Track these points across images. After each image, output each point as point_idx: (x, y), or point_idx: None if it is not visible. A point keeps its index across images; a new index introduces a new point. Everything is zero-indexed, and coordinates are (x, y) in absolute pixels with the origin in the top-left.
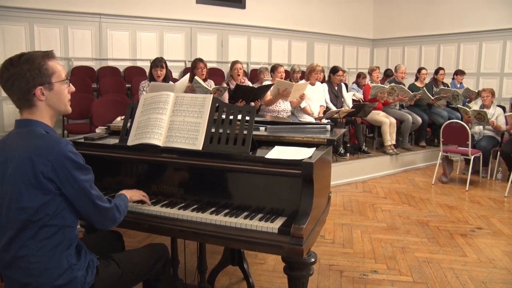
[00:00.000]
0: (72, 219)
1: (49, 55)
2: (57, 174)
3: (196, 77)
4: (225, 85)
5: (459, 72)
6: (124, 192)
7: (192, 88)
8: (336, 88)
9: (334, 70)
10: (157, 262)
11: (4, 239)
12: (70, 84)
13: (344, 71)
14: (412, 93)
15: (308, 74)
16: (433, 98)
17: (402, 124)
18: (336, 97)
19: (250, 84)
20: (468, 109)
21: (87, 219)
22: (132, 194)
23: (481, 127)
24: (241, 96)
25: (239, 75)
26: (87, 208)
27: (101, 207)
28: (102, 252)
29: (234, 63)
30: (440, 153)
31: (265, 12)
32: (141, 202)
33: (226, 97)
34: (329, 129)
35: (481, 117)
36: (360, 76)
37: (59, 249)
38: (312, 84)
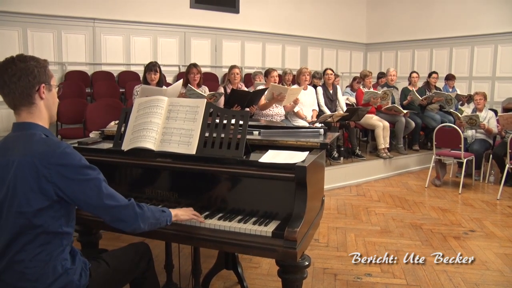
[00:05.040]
0: (70, 225)
1: (47, 61)
2: (60, 177)
3: (189, 85)
4: (221, 89)
5: (450, 77)
6: (172, 209)
7: (185, 95)
8: (331, 91)
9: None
10: (141, 259)
11: (2, 242)
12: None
13: (333, 71)
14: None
15: (297, 78)
16: (422, 98)
17: (395, 127)
18: (330, 100)
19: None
20: (460, 114)
21: (105, 220)
22: (180, 213)
23: (473, 130)
24: (236, 101)
25: (236, 79)
26: (96, 208)
27: (111, 206)
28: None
29: (231, 67)
30: (433, 156)
31: (258, 17)
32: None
33: (222, 102)
34: (322, 133)
35: (472, 122)
36: (355, 80)
37: (55, 254)
38: (304, 89)
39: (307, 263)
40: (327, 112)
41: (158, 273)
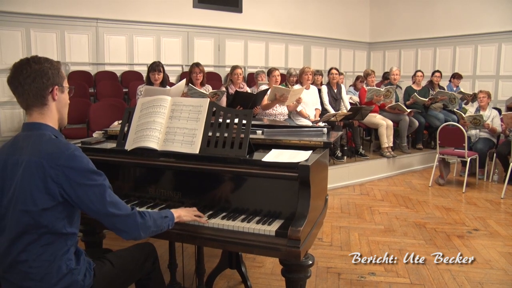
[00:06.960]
0: (74, 226)
1: (59, 63)
2: (66, 179)
3: (190, 84)
4: (224, 89)
5: (456, 76)
6: (174, 210)
7: (187, 95)
8: (335, 90)
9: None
10: (146, 259)
11: (7, 241)
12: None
13: (338, 71)
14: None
15: (299, 78)
16: (426, 99)
17: (399, 126)
18: (335, 99)
19: (249, 90)
20: (463, 114)
21: (106, 226)
22: (183, 213)
23: (477, 129)
24: (239, 103)
25: (238, 80)
26: (99, 214)
27: (113, 214)
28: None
29: (234, 68)
30: (437, 155)
31: (261, 16)
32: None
33: (224, 100)
34: (326, 132)
35: (476, 122)
36: (358, 79)
37: (59, 254)
38: (307, 88)
39: (310, 262)
40: (331, 111)
41: (162, 273)
